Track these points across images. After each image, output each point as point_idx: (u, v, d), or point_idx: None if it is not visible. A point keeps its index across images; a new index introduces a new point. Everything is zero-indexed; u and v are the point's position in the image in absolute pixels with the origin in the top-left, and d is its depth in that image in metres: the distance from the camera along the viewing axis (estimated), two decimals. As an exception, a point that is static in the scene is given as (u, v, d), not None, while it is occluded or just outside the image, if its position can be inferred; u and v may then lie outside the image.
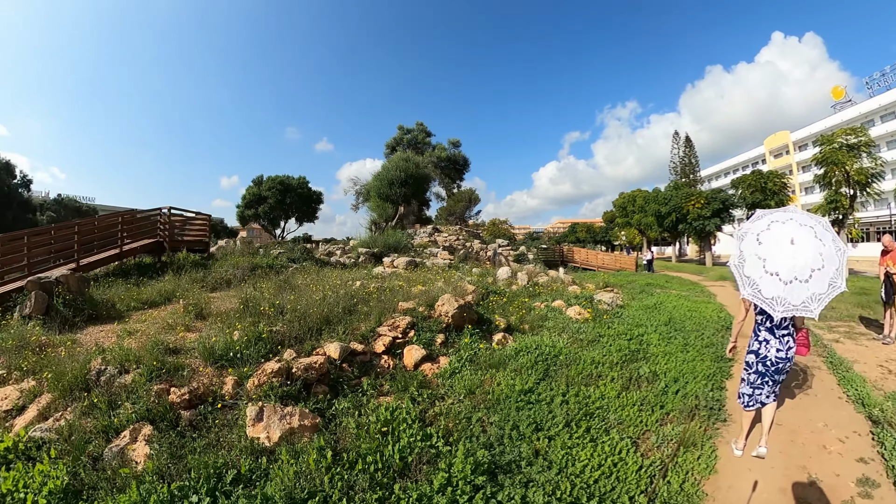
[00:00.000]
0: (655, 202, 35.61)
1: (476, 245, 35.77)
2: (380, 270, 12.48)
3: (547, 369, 5.40)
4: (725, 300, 13.15)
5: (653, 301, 10.53)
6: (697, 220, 29.52)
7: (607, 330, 7.33)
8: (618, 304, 9.95)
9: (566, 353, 5.96)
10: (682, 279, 21.04)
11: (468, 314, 6.71)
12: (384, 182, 21.19)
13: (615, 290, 13.78)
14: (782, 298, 3.24)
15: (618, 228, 55.99)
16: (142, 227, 12.28)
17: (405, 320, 6.20)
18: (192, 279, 9.25)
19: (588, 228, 74.06)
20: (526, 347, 6.00)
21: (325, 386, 4.71)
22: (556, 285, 13.56)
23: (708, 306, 10.38)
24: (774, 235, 3.45)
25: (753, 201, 24.59)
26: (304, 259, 13.48)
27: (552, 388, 4.87)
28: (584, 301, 9.43)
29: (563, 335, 6.94)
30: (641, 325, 7.84)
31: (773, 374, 3.74)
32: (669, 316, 8.67)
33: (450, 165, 28.44)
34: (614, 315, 8.82)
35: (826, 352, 6.82)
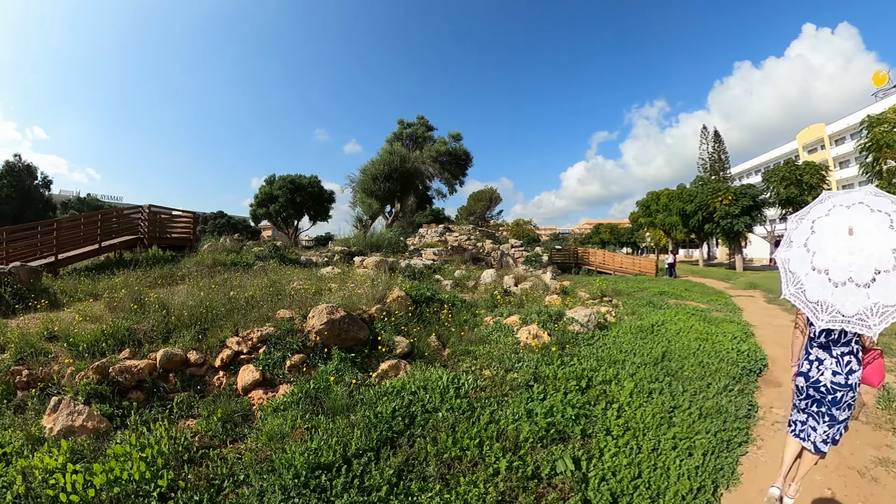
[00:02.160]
0: (680, 200, 32.16)
1: (488, 245, 33.48)
2: (327, 271, 11.18)
3: (405, 429, 3.63)
4: (754, 317, 10.39)
5: (653, 320, 8.03)
6: (725, 219, 26.02)
7: (557, 367, 5.08)
8: (598, 325, 7.50)
9: (452, 406, 3.96)
10: (704, 287, 18.11)
11: (349, 331, 5.40)
12: (368, 177, 19.44)
13: (612, 302, 11.26)
14: (829, 305, 2.47)
15: (642, 230, 52.21)
16: (124, 224, 12.48)
17: (258, 333, 5.22)
18: (146, 275, 9.03)
19: (612, 230, 70.18)
20: (401, 389, 4.28)
21: (140, 393, 4.42)
22: (536, 293, 11.31)
23: (727, 330, 7.79)
24: (832, 223, 2.62)
25: (788, 197, 20.97)
26: (272, 257, 12.87)
27: (371, 471, 3.05)
28: (546, 318, 7.09)
29: (487, 371, 4.99)
30: (617, 362, 5.49)
31: (830, 406, 2.80)
32: (666, 347, 6.20)
33: (450, 160, 26.20)
34: (586, 341, 6.53)
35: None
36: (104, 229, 11.69)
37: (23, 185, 41.52)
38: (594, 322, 7.41)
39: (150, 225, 12.87)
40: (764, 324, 9.54)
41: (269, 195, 47.50)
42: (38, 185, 42.82)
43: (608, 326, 7.69)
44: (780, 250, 2.91)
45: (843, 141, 45.91)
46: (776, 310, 11.71)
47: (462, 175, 27.41)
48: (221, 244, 14.92)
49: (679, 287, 17.02)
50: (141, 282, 8.39)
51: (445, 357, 5.73)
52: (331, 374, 4.69)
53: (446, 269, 16.70)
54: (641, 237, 56.03)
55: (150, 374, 4.54)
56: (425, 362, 5.38)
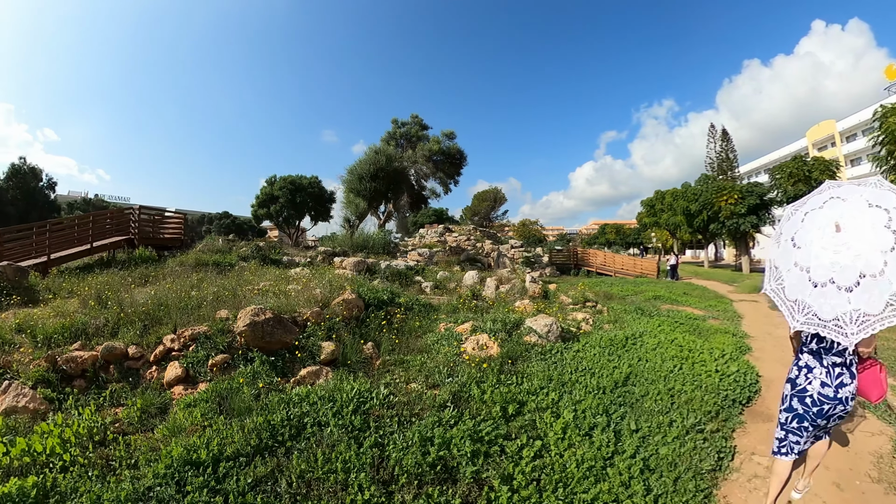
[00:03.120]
0: (684, 199, 30.75)
1: (487, 246, 32.42)
2: (297, 271, 10.64)
3: (289, 440, 3.39)
4: (754, 326, 9.26)
5: (630, 332, 6.99)
6: (731, 219, 24.53)
7: (491, 387, 4.30)
8: (563, 335, 6.51)
9: (344, 423, 3.55)
10: (705, 290, 16.91)
11: (273, 333, 5.23)
12: (354, 176, 18.70)
13: (596, 308, 10.22)
14: (806, 305, 2.34)
15: (648, 230, 50.65)
16: (116, 225, 12.71)
17: (190, 331, 5.27)
18: (128, 274, 8.99)
19: (617, 230, 68.60)
20: (305, 397, 3.98)
21: (83, 381, 4.72)
22: (511, 297, 10.42)
23: (717, 344, 6.69)
24: (824, 216, 2.35)
25: (796, 194, 19.44)
26: (254, 258, 12.65)
27: (233, 476, 2.94)
28: (500, 327, 6.33)
29: (412, 385, 4.58)
30: (566, 384, 4.57)
31: (814, 419, 2.57)
32: (634, 368, 5.19)
33: (444, 159, 25.24)
34: (541, 356, 5.61)
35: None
36: (96, 230, 11.90)
37: (28, 187, 41.85)
38: (556, 333, 6.43)
39: (140, 226, 13.04)
40: (764, 335, 8.41)
41: (270, 195, 47.16)
42: (42, 187, 43.10)
43: (576, 337, 6.70)
44: (770, 242, 2.73)
45: (854, 138, 43.89)
46: (781, 318, 10.48)
47: (457, 174, 26.46)
48: (212, 244, 14.57)
49: (678, 290, 15.85)
50: (121, 281, 8.30)
51: (376, 366, 5.32)
52: (246, 376, 4.59)
53: (431, 270, 16.01)
54: (647, 238, 54.47)
55: (93, 365, 4.87)
56: (350, 371, 5.02)
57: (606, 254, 29.55)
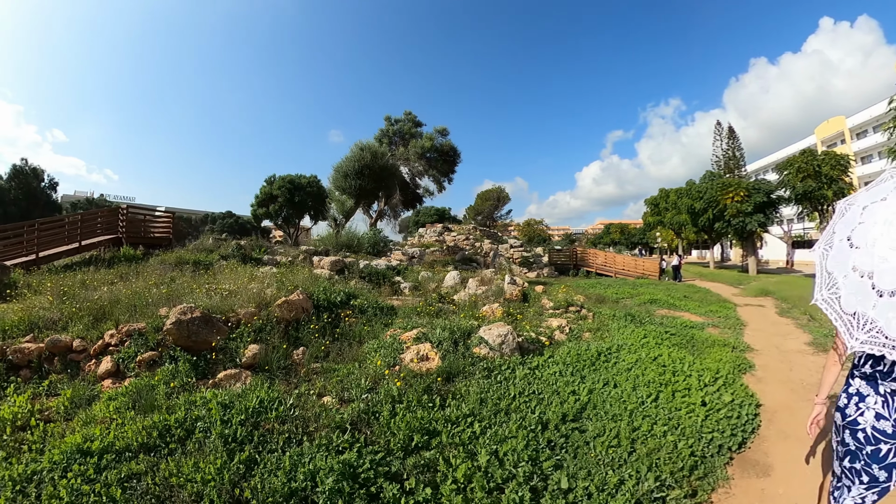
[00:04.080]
0: (688, 197, 29.29)
1: (486, 245, 31.39)
2: (265, 270, 10.20)
3: (175, 442, 3.26)
4: (759, 337, 8.10)
5: (610, 343, 5.98)
6: (737, 218, 23.05)
7: (399, 412, 3.67)
8: (524, 346, 5.50)
9: (224, 433, 3.33)
10: (708, 293, 15.68)
11: (199, 333, 5.12)
12: (340, 174, 17.76)
13: (581, 313, 9.12)
14: (868, 320, 1.78)
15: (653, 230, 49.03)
16: (106, 224, 12.80)
17: (127, 328, 5.33)
18: (109, 272, 8.93)
19: (622, 230, 66.99)
20: (208, 401, 3.74)
21: (28, 371, 4.88)
22: (485, 300, 9.51)
23: (709, 363, 5.60)
24: (888, 208, 1.84)
25: (805, 191, 17.97)
26: (234, 256, 12.35)
27: (109, 469, 2.93)
28: (447, 336, 5.56)
29: (326, 398, 4.16)
30: (502, 412, 3.75)
31: (868, 463, 1.95)
32: (592, 396, 4.15)
33: (438, 157, 24.18)
34: (485, 373, 4.76)
35: None
36: (84, 229, 11.98)
37: (29, 187, 41.85)
38: (512, 345, 5.47)
39: (127, 225, 13.08)
40: (770, 348, 7.26)
41: (269, 195, 46.48)
42: (44, 188, 43.09)
43: (541, 350, 5.69)
44: (819, 242, 2.19)
45: (864, 134, 41.92)
46: (790, 325, 9.33)
47: (451, 172, 25.37)
48: (201, 244, 14.04)
49: (678, 293, 14.65)
50: (100, 278, 8.23)
51: (301, 374, 4.97)
52: (166, 375, 4.52)
53: (414, 270, 15.19)
54: (652, 238, 52.84)
55: (39, 357, 5.00)
56: (271, 377, 4.74)
57: (607, 254, 28.28)
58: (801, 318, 10.14)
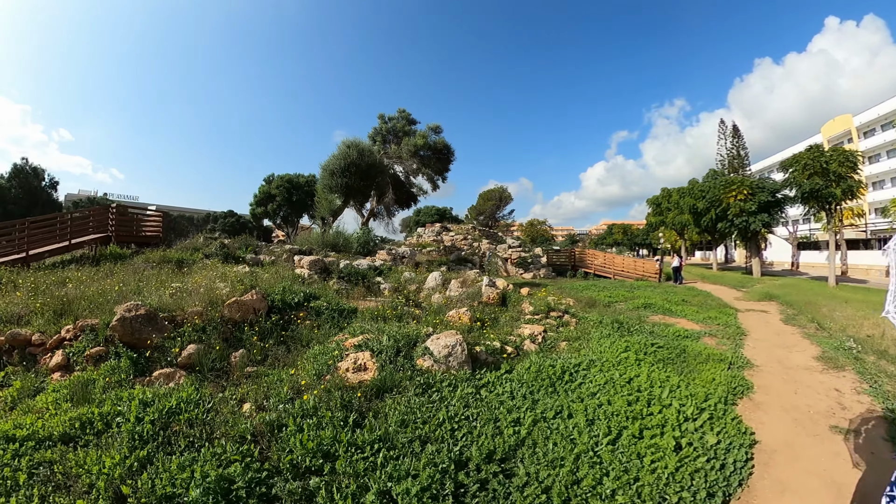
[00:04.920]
0: (691, 196, 28.16)
1: (484, 245, 30.47)
2: (239, 269, 10.02)
3: (88, 437, 3.33)
4: (760, 349, 7.15)
5: (581, 358, 5.12)
6: (740, 217, 21.90)
7: (305, 428, 3.36)
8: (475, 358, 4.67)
9: (129, 432, 3.27)
10: (709, 297, 14.67)
11: (141, 331, 5.02)
12: (327, 172, 17.00)
13: (563, 319, 8.23)
14: None
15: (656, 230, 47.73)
16: (97, 223, 12.82)
17: (82, 323, 5.27)
18: (94, 270, 8.94)
19: (625, 230, 65.70)
20: (128, 399, 3.70)
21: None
22: (456, 302, 8.75)
23: (697, 386, 4.67)
24: None
25: (811, 189, 16.73)
26: (216, 255, 12.22)
27: (32, 456, 3.05)
28: (391, 344, 5.02)
29: (245, 406, 3.94)
30: (410, 442, 3.19)
31: None
32: (534, 431, 3.35)
33: (431, 155, 23.31)
34: (423, 388, 4.24)
35: None
36: (74, 228, 12.01)
37: (30, 187, 41.72)
38: (460, 357, 4.75)
39: (117, 224, 13.13)
40: (772, 363, 6.31)
41: (268, 194, 46.21)
42: (45, 187, 42.95)
43: (498, 364, 4.88)
44: (891, 243, 2.06)
45: (872, 133, 40.46)
46: (795, 335, 8.36)
47: (444, 170, 24.48)
48: (191, 243, 13.91)
49: (676, 297, 13.67)
50: (81, 276, 8.12)
51: (234, 377, 4.80)
52: (107, 370, 4.55)
53: (397, 270, 14.51)
54: (655, 238, 51.55)
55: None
56: (202, 377, 4.67)
57: (606, 255, 27.24)
58: (808, 326, 9.15)
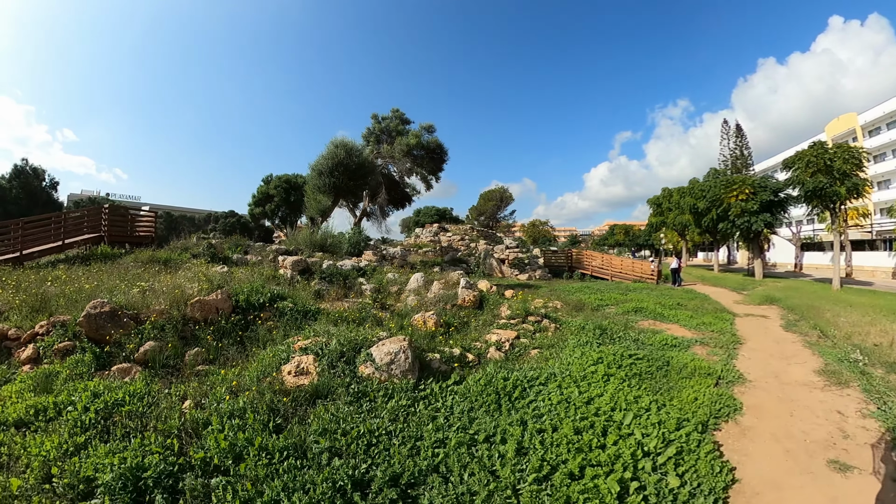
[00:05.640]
0: (691, 195, 27.31)
1: (481, 246, 29.80)
2: (218, 269, 9.82)
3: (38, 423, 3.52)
4: (756, 360, 6.45)
5: (543, 371, 4.49)
6: (741, 217, 21.06)
7: (216, 429, 3.44)
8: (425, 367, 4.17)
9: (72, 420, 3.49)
10: (706, 300, 13.92)
11: (104, 327, 5.21)
12: (315, 172, 16.51)
13: (541, 324, 7.57)
14: None
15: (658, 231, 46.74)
16: (91, 223, 12.95)
17: (54, 319, 5.46)
18: (84, 269, 8.96)
19: (626, 231, 64.64)
20: (74, 391, 3.89)
21: None
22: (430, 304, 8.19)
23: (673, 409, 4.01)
24: None
25: (815, 187, 15.82)
26: (204, 256, 12.21)
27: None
28: (335, 349, 4.83)
29: (187, 402, 3.95)
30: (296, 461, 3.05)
31: None
32: (441, 459, 2.80)
33: (424, 154, 22.68)
34: (354, 398, 4.06)
35: None
36: (68, 228, 12.10)
37: (31, 187, 41.71)
38: (403, 365, 4.41)
39: (110, 224, 13.19)
40: (767, 378, 5.60)
41: (266, 194, 45.81)
42: (45, 187, 42.93)
43: (449, 373, 4.39)
44: None
45: (878, 131, 39.26)
46: (796, 344, 7.63)
47: (438, 170, 23.85)
48: (183, 243, 13.82)
49: (671, 300, 12.94)
50: (66, 275, 8.10)
51: (185, 374, 4.85)
52: (71, 364, 4.64)
53: (382, 270, 14.05)
54: (657, 239, 50.57)
55: None
56: (154, 374, 4.75)
57: (604, 256, 26.45)
58: (811, 333, 8.41)
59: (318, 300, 9.88)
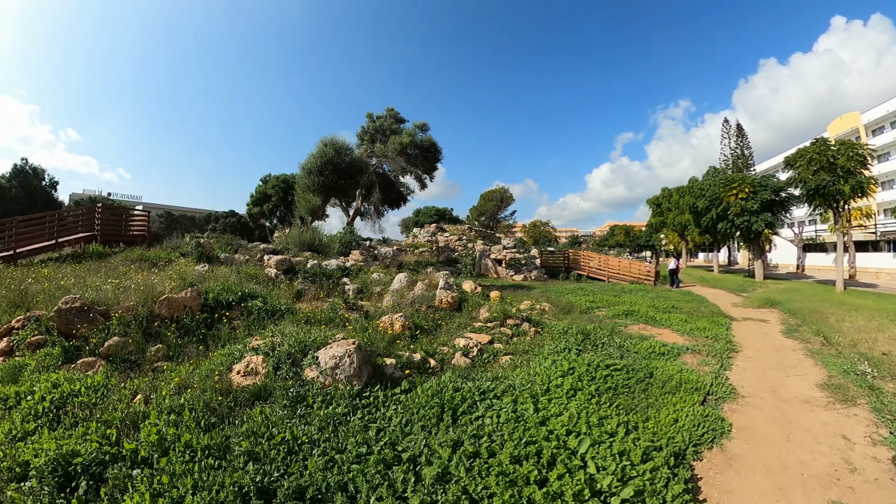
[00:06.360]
0: (690, 195, 26.57)
1: (478, 246, 29.19)
2: (199, 268, 9.64)
3: None
4: (752, 370, 5.82)
5: (500, 383, 3.91)
6: (741, 217, 20.34)
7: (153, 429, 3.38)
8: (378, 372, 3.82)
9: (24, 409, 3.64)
10: (703, 302, 13.25)
11: (73, 322, 5.25)
12: (305, 171, 16.06)
13: (521, 328, 6.94)
14: None
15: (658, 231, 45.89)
16: (85, 222, 12.93)
17: (29, 314, 5.53)
18: (74, 267, 8.98)
19: (627, 231, 63.72)
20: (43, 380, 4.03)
21: None
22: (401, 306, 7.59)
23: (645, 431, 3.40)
24: None
25: (817, 185, 15.03)
26: (191, 255, 12.24)
27: None
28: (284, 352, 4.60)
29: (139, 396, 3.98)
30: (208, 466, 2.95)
31: None
32: (345, 478, 2.41)
33: (418, 153, 22.09)
34: (292, 401, 3.91)
35: None
36: (61, 227, 12.11)
37: (30, 186, 41.49)
38: (348, 370, 4.11)
39: (103, 223, 13.20)
40: (762, 392, 4.96)
41: (264, 194, 45.45)
42: (45, 187, 42.67)
43: (399, 381, 4.11)
44: None
45: (881, 130, 38.42)
46: (797, 352, 6.98)
47: (432, 169, 23.24)
48: (175, 243, 13.71)
49: (666, 303, 12.29)
50: (48, 272, 8.11)
51: (145, 370, 4.80)
52: (40, 357, 4.69)
53: (368, 270, 13.65)
54: (657, 240, 49.69)
55: None
56: (115, 368, 4.73)
57: (601, 257, 25.75)
58: (813, 340, 7.74)
59: (298, 300, 9.52)
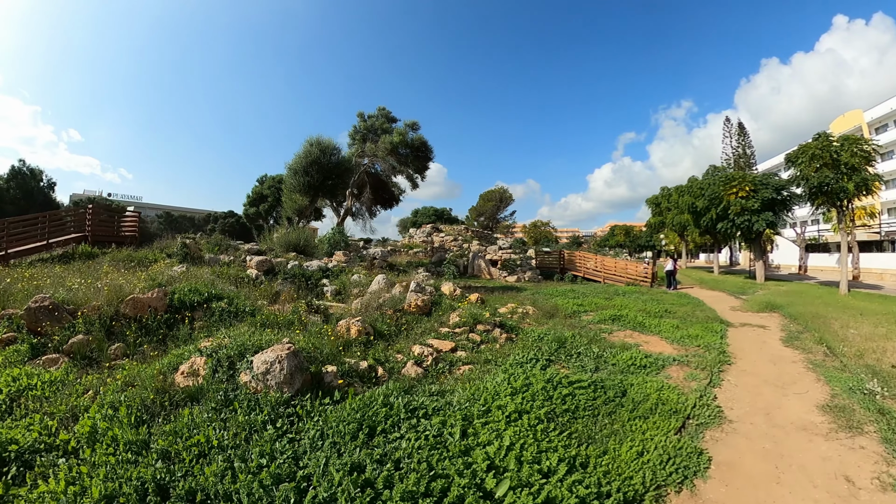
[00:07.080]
0: (689, 194, 25.76)
1: (474, 246, 28.48)
2: (178, 268, 9.52)
3: None
4: (742, 388, 5.13)
5: (428, 402, 3.23)
6: (741, 216, 19.51)
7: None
8: (314, 377, 3.81)
9: None
10: (700, 306, 12.52)
11: (42, 320, 5.38)
12: (291, 171, 15.57)
13: (487, 334, 6.27)
14: None
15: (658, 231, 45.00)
16: (76, 223, 13.09)
17: (3, 312, 5.63)
18: (64, 267, 8.95)
19: (627, 232, 62.84)
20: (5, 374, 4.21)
21: None
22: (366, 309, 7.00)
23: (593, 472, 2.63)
24: None
25: (820, 183, 14.23)
26: (177, 255, 12.28)
27: None
28: (224, 356, 4.39)
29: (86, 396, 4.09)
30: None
31: None
32: None
33: (410, 153, 21.48)
34: (218, 405, 3.77)
35: None
36: (52, 228, 12.17)
37: (28, 187, 41.36)
38: (279, 377, 3.87)
39: (94, 224, 13.26)
40: (753, 416, 4.26)
41: (260, 195, 45.03)
42: (42, 187, 42.53)
43: (332, 391, 3.61)
44: None
45: (885, 129, 37.51)
46: (797, 364, 6.26)
47: (424, 168, 22.61)
48: (166, 244, 13.77)
49: (660, 307, 11.56)
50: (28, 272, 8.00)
51: (102, 368, 4.82)
52: (10, 352, 4.80)
53: (350, 272, 13.19)
54: (657, 240, 48.79)
55: None
56: (75, 365, 4.84)
57: (597, 257, 25.01)
58: (815, 350, 7.01)
59: (275, 302, 9.11)
